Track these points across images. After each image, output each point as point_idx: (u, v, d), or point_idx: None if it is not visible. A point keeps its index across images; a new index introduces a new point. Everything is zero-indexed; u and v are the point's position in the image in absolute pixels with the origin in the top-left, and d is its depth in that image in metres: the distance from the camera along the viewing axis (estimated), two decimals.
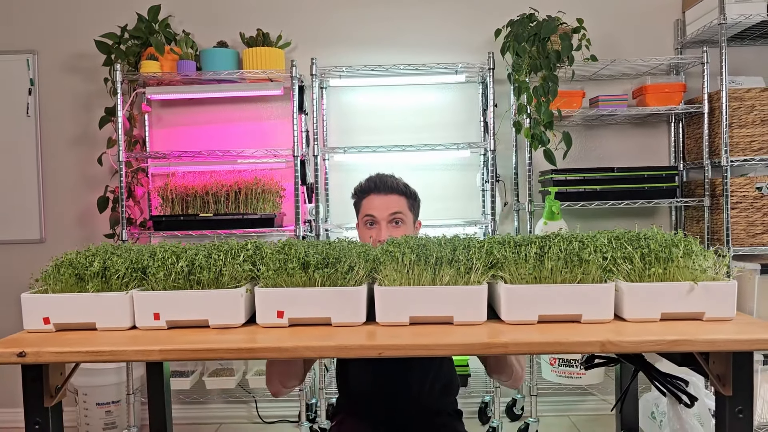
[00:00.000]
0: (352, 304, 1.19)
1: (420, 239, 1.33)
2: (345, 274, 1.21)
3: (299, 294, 1.20)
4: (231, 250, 1.27)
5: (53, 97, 3.45)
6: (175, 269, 1.21)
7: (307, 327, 1.20)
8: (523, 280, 1.20)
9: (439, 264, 1.21)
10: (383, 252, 1.25)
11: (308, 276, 1.21)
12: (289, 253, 1.24)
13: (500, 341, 1.07)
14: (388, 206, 1.83)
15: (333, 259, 1.22)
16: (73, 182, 3.46)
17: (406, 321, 1.19)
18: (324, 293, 1.19)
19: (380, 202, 1.83)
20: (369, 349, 1.07)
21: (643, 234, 1.31)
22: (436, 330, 1.15)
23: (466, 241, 1.30)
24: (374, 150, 3.10)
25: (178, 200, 3.13)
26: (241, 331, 1.19)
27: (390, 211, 1.82)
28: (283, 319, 1.20)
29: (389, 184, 1.87)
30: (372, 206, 1.84)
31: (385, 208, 1.82)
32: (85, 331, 1.21)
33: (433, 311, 1.19)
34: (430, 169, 3.40)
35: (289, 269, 1.20)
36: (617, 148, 3.39)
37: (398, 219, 1.84)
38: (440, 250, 1.23)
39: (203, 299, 1.20)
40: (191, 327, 1.22)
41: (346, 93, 3.41)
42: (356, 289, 1.20)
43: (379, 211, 1.82)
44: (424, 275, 1.20)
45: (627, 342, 1.06)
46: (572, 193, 3.08)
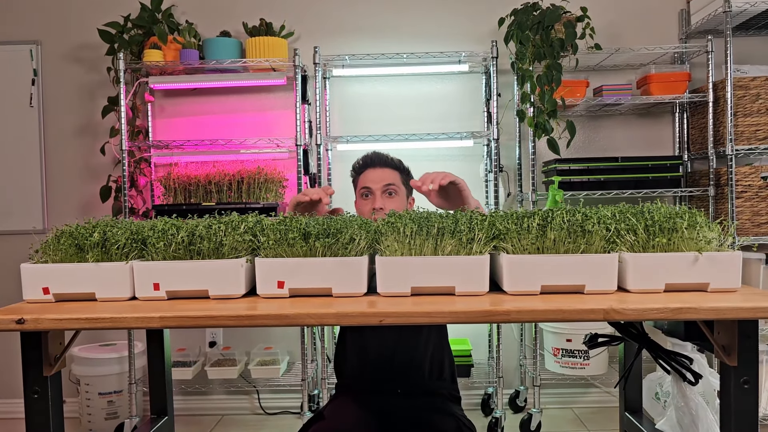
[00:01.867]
0: (353, 275, 1.18)
1: (422, 212, 1.32)
2: (346, 245, 1.20)
3: (300, 264, 1.19)
4: (232, 222, 1.26)
5: (56, 88, 3.45)
6: (175, 240, 1.20)
7: (308, 298, 1.19)
8: (526, 251, 1.19)
9: (441, 235, 1.20)
10: (384, 223, 1.24)
11: (309, 246, 1.20)
12: (290, 224, 1.23)
13: (502, 309, 1.06)
14: (383, 178, 1.93)
15: (334, 230, 1.21)
16: (76, 172, 3.46)
17: (408, 291, 1.18)
18: (325, 263, 1.18)
19: (375, 175, 1.94)
20: (370, 316, 1.06)
21: (647, 208, 1.30)
22: (438, 299, 1.14)
23: (469, 214, 1.29)
24: (377, 139, 3.09)
25: (181, 190, 3.12)
26: (241, 302, 1.18)
27: (384, 182, 1.92)
28: (283, 290, 1.19)
29: (383, 158, 1.98)
30: (368, 179, 1.94)
31: (379, 180, 1.92)
32: (85, 301, 1.21)
33: (435, 282, 1.18)
34: (433, 159, 3.39)
35: (290, 239, 1.19)
36: (621, 138, 3.37)
37: (392, 190, 1.93)
38: (442, 221, 1.22)
39: (203, 270, 1.19)
40: (191, 298, 1.21)
41: (349, 83, 3.40)
42: (357, 260, 1.19)
43: (374, 183, 1.92)
44: (426, 246, 1.19)
45: (630, 310, 1.05)
46: (576, 182, 3.06)
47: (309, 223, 1.22)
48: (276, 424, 3.30)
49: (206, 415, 3.43)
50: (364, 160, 2.00)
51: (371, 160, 1.98)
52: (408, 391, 1.76)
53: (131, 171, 3.22)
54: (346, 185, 2.36)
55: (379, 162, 1.97)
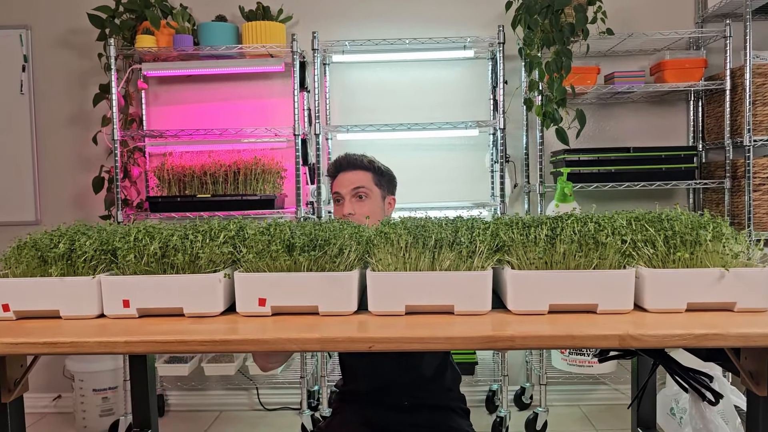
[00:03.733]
0: (341, 291, 1.07)
1: (419, 219, 1.20)
2: (334, 258, 1.09)
3: (283, 279, 1.08)
4: (210, 231, 1.15)
5: (47, 75, 3.34)
6: (147, 251, 1.10)
7: (292, 316, 1.09)
8: (533, 266, 1.08)
9: (439, 247, 1.08)
10: (377, 233, 1.12)
11: (293, 260, 1.09)
12: (273, 234, 1.12)
13: (505, 334, 0.95)
14: (352, 181, 1.85)
15: (321, 240, 1.10)
16: (69, 162, 3.36)
17: (402, 310, 1.07)
18: (310, 279, 1.08)
19: (345, 179, 1.86)
20: (358, 342, 0.95)
21: (665, 215, 1.18)
22: (435, 320, 1.03)
23: (470, 222, 1.17)
24: (378, 129, 2.97)
25: (175, 181, 3.02)
26: (218, 321, 1.07)
27: (353, 185, 1.84)
28: (265, 308, 1.08)
29: (352, 160, 1.89)
30: (338, 184, 1.87)
31: (348, 183, 1.84)
32: (49, 319, 1.10)
33: (432, 299, 1.06)
34: (436, 149, 3.26)
35: (273, 252, 1.08)
36: (633, 127, 3.24)
37: (361, 193, 1.84)
38: (440, 231, 1.10)
39: (177, 285, 1.08)
40: (165, 315, 1.11)
41: (350, 70, 3.27)
42: (346, 275, 1.08)
43: (342, 187, 1.85)
44: (422, 259, 1.08)
45: (649, 336, 0.94)
46: (585, 174, 2.94)
47: (294, 234, 1.11)
48: (275, 421, 3.22)
49: (204, 411, 3.35)
50: (335, 165, 1.92)
51: (341, 164, 1.90)
52: (415, 404, 1.65)
53: (124, 161, 3.12)
54: None
55: (348, 165, 1.88)
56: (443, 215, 1.31)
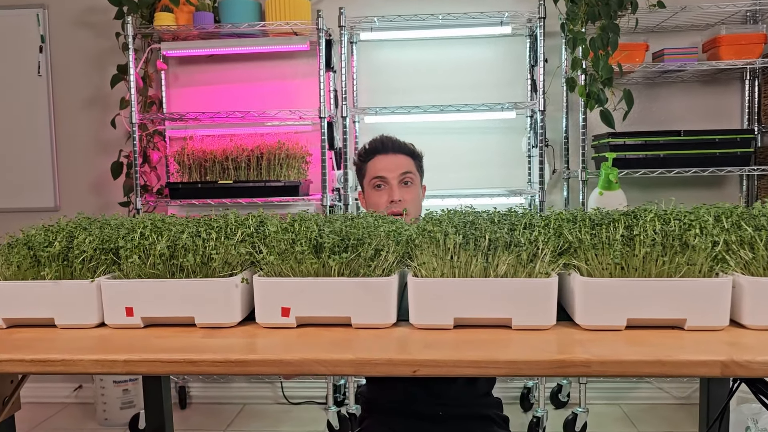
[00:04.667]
0: (378, 300, 0.91)
1: (466, 214, 1.04)
2: (370, 261, 0.93)
3: (310, 286, 0.92)
4: (226, 227, 0.99)
5: (65, 55, 3.21)
6: (153, 251, 0.95)
7: (321, 328, 0.93)
8: (606, 272, 0.91)
9: (494, 248, 0.92)
10: (419, 232, 0.96)
11: (322, 262, 0.93)
12: (298, 231, 0.96)
13: (579, 358, 0.78)
14: (398, 165, 1.74)
15: (354, 240, 0.94)
16: (88, 146, 3.24)
17: (450, 324, 0.91)
18: (342, 285, 0.92)
19: (389, 162, 1.75)
20: (400, 365, 0.79)
21: (758, 209, 1.00)
22: (489, 337, 0.87)
23: (527, 217, 1.00)
24: (409, 111, 2.79)
25: (196, 166, 2.88)
26: (234, 333, 0.92)
27: (401, 170, 1.74)
28: (289, 318, 0.93)
29: (397, 144, 1.79)
30: (380, 167, 1.75)
31: (395, 168, 1.74)
32: (43, 328, 0.96)
33: (486, 311, 0.90)
34: (469, 132, 3.08)
35: (298, 253, 0.93)
36: (681, 109, 3.01)
37: (408, 179, 1.75)
38: (494, 229, 0.93)
39: (187, 291, 0.93)
40: (173, 325, 0.96)
41: (378, 48, 3.09)
42: (384, 281, 0.92)
43: (389, 171, 1.73)
44: (474, 263, 0.92)
45: (759, 363, 0.76)
46: (632, 159, 2.73)
47: (323, 232, 0.95)
48: (300, 415, 3.10)
49: (228, 404, 3.24)
50: (372, 146, 1.80)
51: (383, 145, 1.78)
52: (449, 414, 1.49)
53: (143, 145, 2.99)
54: None
55: (392, 147, 1.77)
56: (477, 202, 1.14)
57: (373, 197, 1.75)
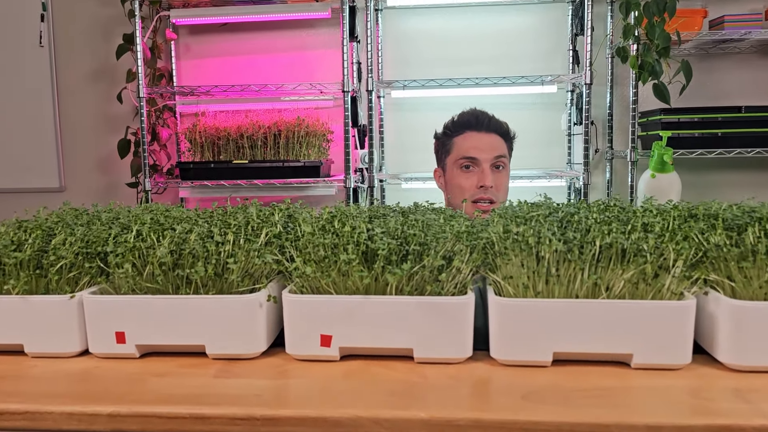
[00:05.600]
0: (450, 326, 0.68)
1: (557, 207, 0.80)
2: (436, 272, 0.70)
3: (359, 306, 0.69)
4: (246, 225, 0.76)
5: (68, 24, 2.98)
6: (152, 258, 0.72)
7: (372, 362, 0.70)
8: (761, 291, 0.67)
9: (608, 258, 0.68)
10: (503, 234, 0.72)
11: (374, 275, 0.70)
12: (341, 232, 0.73)
13: (753, 423, 0.55)
14: (493, 146, 1.55)
15: (416, 244, 0.70)
16: (94, 122, 3.02)
17: (547, 360, 0.68)
18: (403, 306, 0.68)
19: (483, 142, 1.55)
20: (492, 428, 0.56)
21: None
22: (605, 382, 0.64)
23: (641, 213, 0.76)
24: (441, 84, 2.53)
25: (209, 144, 2.65)
26: (258, 369, 0.69)
27: (495, 152, 1.54)
28: (330, 349, 0.70)
29: (494, 121, 1.59)
30: (473, 145, 1.55)
31: (489, 149, 1.54)
32: (11, 356, 0.74)
33: (599, 344, 0.66)
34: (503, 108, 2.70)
35: (342, 263, 0.69)
36: (738, 83, 2.72)
37: (501, 163, 1.56)
38: (603, 230, 0.70)
39: (196, 310, 0.71)
40: (178, 355, 0.73)
41: (406, 16, 2.82)
42: (459, 301, 0.68)
43: (482, 152, 1.53)
44: (579, 278, 0.68)
45: None
46: (686, 138, 2.46)
47: (374, 233, 0.72)
48: None
49: None
50: (463, 119, 1.61)
51: (477, 121, 1.58)
52: None
53: (152, 122, 2.76)
54: (401, 141, 1.85)
55: (488, 125, 1.57)
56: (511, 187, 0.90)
57: (460, 179, 1.55)
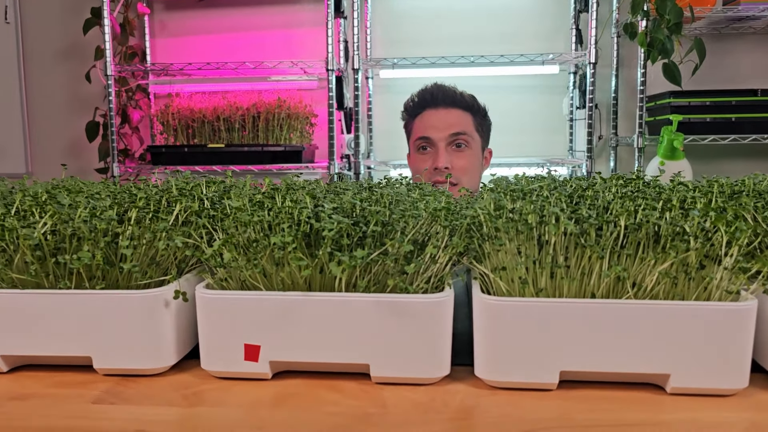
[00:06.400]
0: (420, 335, 0.50)
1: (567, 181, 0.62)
2: (403, 262, 0.52)
3: (296, 307, 0.51)
4: (156, 198, 0.58)
5: None
6: (24, 241, 0.53)
7: (315, 381, 0.52)
8: None
9: (635, 244, 0.50)
10: (493, 212, 0.54)
11: (318, 265, 0.51)
12: (280, 208, 0.54)
13: None
14: (449, 123, 1.42)
15: (378, 225, 0.52)
16: (63, 103, 2.83)
17: (553, 381, 0.49)
18: (355, 307, 0.50)
19: (437, 119, 1.43)
20: None
21: None
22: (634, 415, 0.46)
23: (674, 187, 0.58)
24: (432, 63, 2.34)
25: (183, 127, 2.46)
26: (161, 392, 0.51)
27: (451, 130, 1.41)
28: (258, 364, 0.52)
29: (450, 94, 1.47)
30: (427, 125, 1.43)
31: (444, 126, 1.41)
32: None
33: (621, 360, 0.48)
34: (500, 91, 2.62)
35: (275, 248, 0.51)
36: (753, 65, 2.55)
37: (462, 141, 1.42)
38: (629, 206, 0.51)
39: (80, 310, 0.52)
40: (60, 369, 0.55)
41: None
42: (432, 300, 0.50)
43: (436, 131, 1.41)
44: (597, 271, 0.50)
45: None
46: (697, 123, 2.29)
47: (322, 209, 0.54)
48: None
49: None
50: (421, 97, 1.48)
51: (432, 97, 1.46)
52: None
53: (123, 103, 2.57)
54: (391, 126, 1.69)
55: (443, 100, 1.45)
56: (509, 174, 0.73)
57: (417, 162, 1.44)
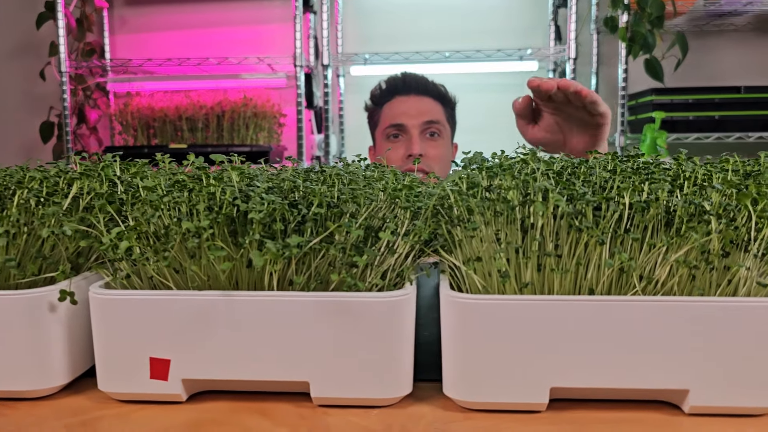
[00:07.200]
0: (372, 345, 0.39)
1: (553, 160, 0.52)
2: (351, 253, 0.41)
3: (217, 311, 0.39)
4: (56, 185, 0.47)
5: None
6: None
7: (242, 404, 0.41)
8: None
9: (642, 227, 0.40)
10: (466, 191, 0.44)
11: (245, 257, 0.40)
12: (201, 188, 0.43)
13: None
14: (422, 111, 1.35)
15: (321, 205, 0.41)
16: (16, 103, 2.69)
17: (542, 401, 0.39)
18: (290, 309, 0.39)
19: (410, 106, 1.36)
20: None
21: None
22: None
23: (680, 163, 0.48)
24: (406, 59, 2.25)
25: (143, 127, 2.33)
26: (44, 416, 0.40)
27: (424, 117, 1.34)
28: (168, 383, 0.41)
29: (422, 82, 1.41)
30: (399, 111, 1.36)
31: (417, 113, 1.34)
32: None
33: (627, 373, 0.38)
34: (479, 89, 2.54)
35: (190, 236, 0.40)
36: (735, 63, 2.49)
37: (435, 130, 1.36)
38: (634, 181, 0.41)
39: None
40: None
41: None
42: (388, 300, 0.39)
43: (409, 117, 1.34)
44: (595, 261, 0.39)
45: None
46: (679, 121, 2.22)
47: (253, 189, 0.43)
48: None
49: None
50: (390, 84, 1.43)
51: (404, 84, 1.40)
52: None
53: (79, 101, 2.44)
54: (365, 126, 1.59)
55: (415, 87, 1.39)
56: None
57: (383, 151, 1.39)
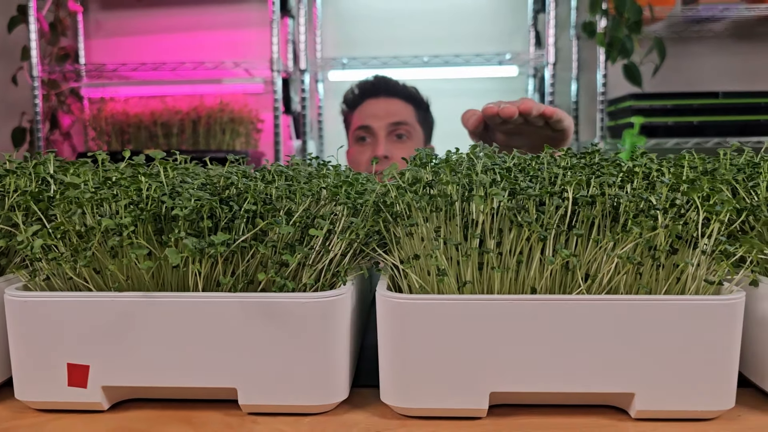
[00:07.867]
0: (304, 349, 0.37)
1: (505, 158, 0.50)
2: (285, 252, 0.39)
3: (137, 313, 0.37)
4: None
5: None
6: None
7: (167, 413, 0.38)
8: None
9: (588, 222, 0.38)
10: (407, 186, 0.41)
11: (165, 255, 0.38)
12: (127, 183, 0.41)
13: None
14: (389, 112, 1.38)
15: (255, 201, 0.39)
16: None
17: (482, 407, 0.37)
18: (215, 311, 0.37)
19: (378, 108, 1.39)
20: None
21: None
22: None
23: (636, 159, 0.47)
24: (384, 63, 2.24)
25: (117, 133, 2.30)
26: None
27: (391, 119, 1.36)
28: (88, 390, 0.38)
29: (391, 84, 1.44)
30: (367, 113, 1.39)
31: (384, 115, 1.37)
32: None
33: (571, 377, 0.36)
34: (458, 95, 2.52)
35: (110, 233, 0.37)
36: (714, 68, 2.50)
37: (402, 131, 1.37)
38: (580, 175, 0.39)
39: None
40: None
41: None
42: (321, 301, 0.37)
43: (375, 119, 1.36)
44: (538, 258, 0.37)
45: None
46: (658, 126, 2.22)
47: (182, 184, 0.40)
48: None
49: None
50: (361, 88, 1.46)
51: (373, 87, 1.44)
52: None
53: (52, 106, 2.40)
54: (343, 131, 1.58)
55: (384, 89, 1.42)
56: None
57: (355, 153, 1.40)
